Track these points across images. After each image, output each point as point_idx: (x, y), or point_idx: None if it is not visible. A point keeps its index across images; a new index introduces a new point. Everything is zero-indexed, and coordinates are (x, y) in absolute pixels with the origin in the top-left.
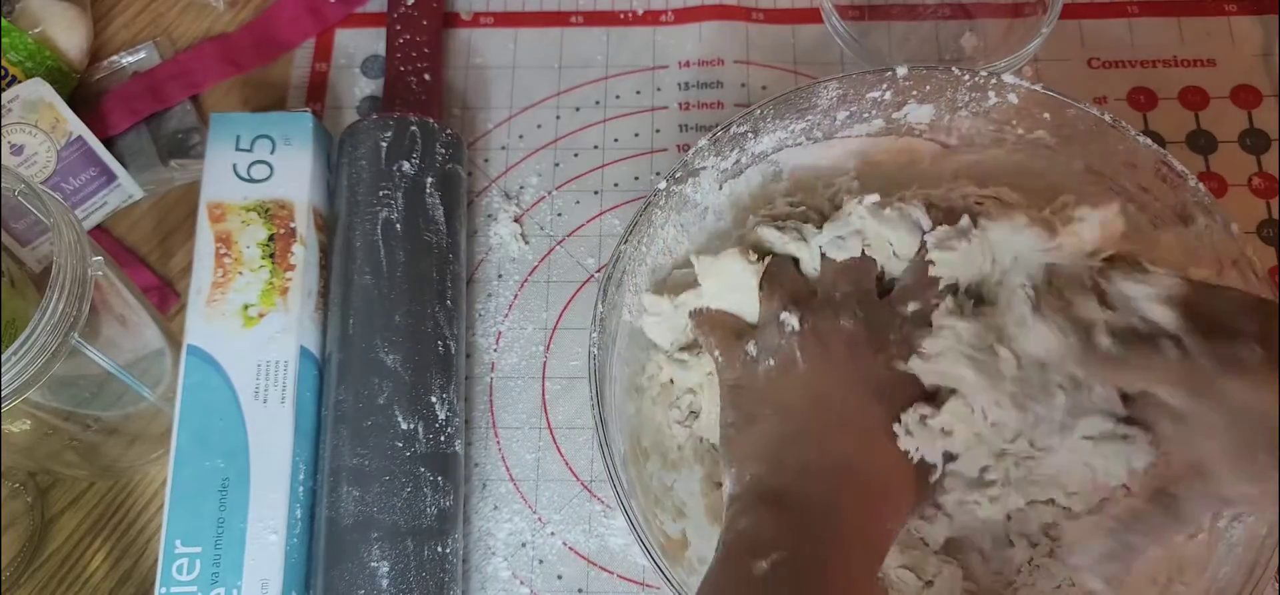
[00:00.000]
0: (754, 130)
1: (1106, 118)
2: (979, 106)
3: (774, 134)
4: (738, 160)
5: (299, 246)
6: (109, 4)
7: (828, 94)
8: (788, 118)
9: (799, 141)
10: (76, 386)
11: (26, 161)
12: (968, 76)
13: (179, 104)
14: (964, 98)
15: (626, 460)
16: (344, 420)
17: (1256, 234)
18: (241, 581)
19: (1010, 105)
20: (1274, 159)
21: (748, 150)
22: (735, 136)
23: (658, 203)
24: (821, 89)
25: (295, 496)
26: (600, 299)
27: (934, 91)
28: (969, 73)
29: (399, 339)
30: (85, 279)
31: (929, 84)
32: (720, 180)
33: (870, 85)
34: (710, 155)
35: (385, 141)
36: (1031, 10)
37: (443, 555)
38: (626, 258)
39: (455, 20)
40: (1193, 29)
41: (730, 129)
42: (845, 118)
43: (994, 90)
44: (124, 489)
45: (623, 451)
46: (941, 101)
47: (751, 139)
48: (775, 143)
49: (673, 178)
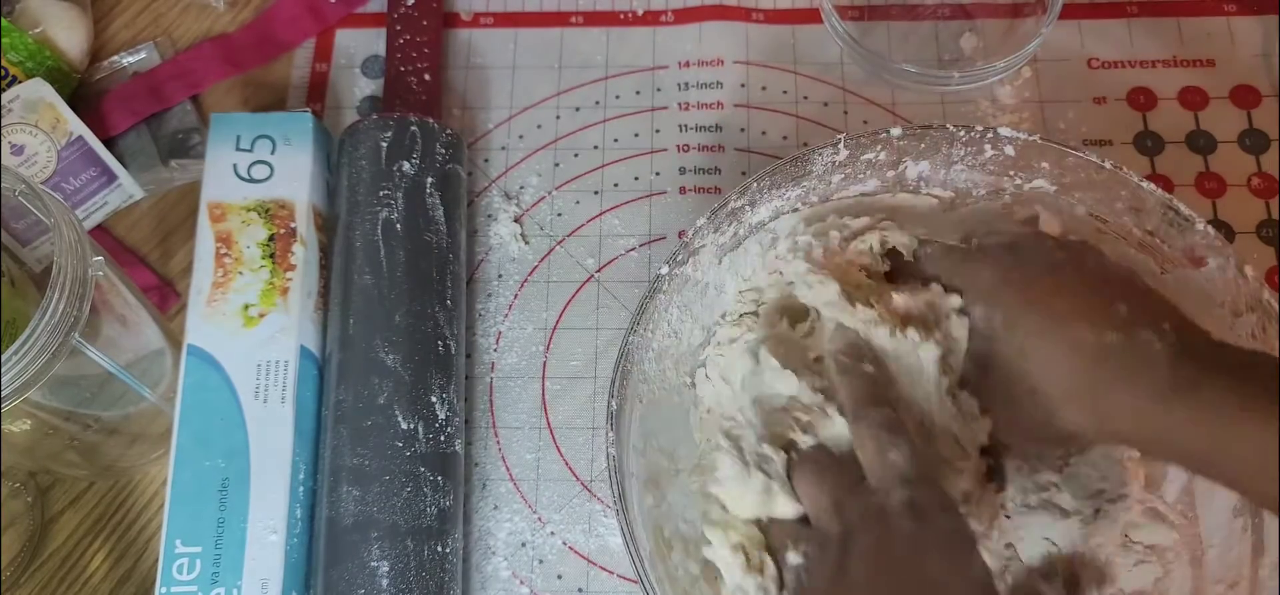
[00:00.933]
0: (751, 203)
1: (1106, 164)
2: (975, 159)
3: (770, 204)
4: (736, 233)
5: (299, 246)
6: (109, 4)
7: (823, 160)
8: (783, 187)
9: (795, 207)
10: (77, 386)
11: (27, 161)
12: (963, 132)
13: (179, 104)
14: (959, 152)
15: (653, 558)
16: (344, 420)
17: (1256, 234)
18: (241, 581)
19: (1007, 156)
20: (1274, 159)
21: (745, 222)
22: (733, 211)
23: (660, 288)
24: (816, 156)
25: (295, 496)
26: (612, 395)
27: (929, 148)
28: (964, 128)
29: (399, 339)
30: (85, 279)
31: (924, 141)
32: (719, 255)
33: (865, 147)
34: (708, 233)
35: (385, 141)
36: (1031, 10)
37: (443, 555)
38: (634, 349)
39: (455, 20)
40: (1192, 29)
41: (727, 205)
42: (840, 181)
43: (990, 143)
44: (124, 489)
45: (649, 549)
46: (937, 157)
47: (748, 211)
48: (772, 211)
49: (674, 261)
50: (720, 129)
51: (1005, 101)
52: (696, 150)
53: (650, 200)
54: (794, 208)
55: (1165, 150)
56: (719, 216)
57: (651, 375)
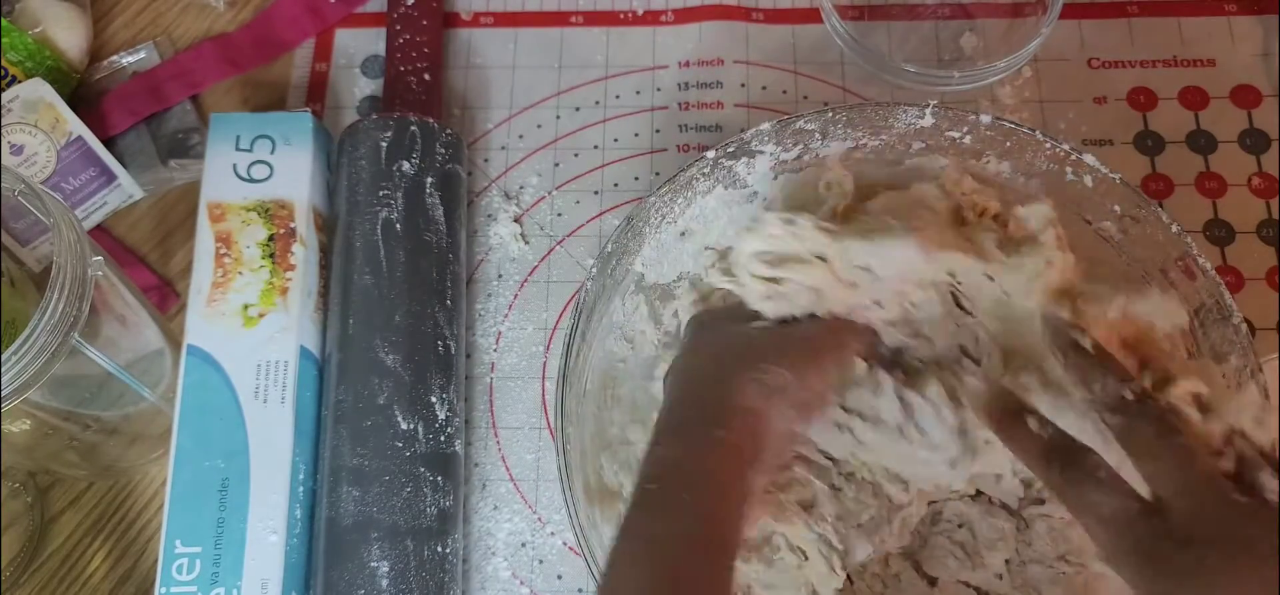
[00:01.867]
0: (823, 132)
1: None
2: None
3: (842, 143)
4: (800, 155)
5: (299, 246)
6: (109, 4)
7: (906, 118)
8: (860, 129)
9: (869, 158)
10: (76, 386)
11: (26, 161)
12: (1049, 144)
13: (179, 104)
14: (1042, 164)
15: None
16: (344, 420)
17: (1256, 234)
18: (241, 581)
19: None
20: (1274, 159)
21: (811, 149)
22: (801, 131)
23: (702, 170)
24: (902, 112)
25: (295, 496)
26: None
27: (1014, 149)
28: (1051, 140)
29: (399, 339)
30: (85, 279)
31: (1011, 141)
32: (777, 171)
33: (953, 123)
34: (770, 141)
35: (385, 141)
36: (1031, 10)
37: (443, 555)
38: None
39: (455, 20)
40: (1193, 29)
41: (797, 123)
42: (919, 148)
43: (1071, 166)
44: (124, 489)
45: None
46: (1021, 160)
47: (817, 140)
48: (842, 151)
49: (726, 151)
50: (720, 129)
51: (1005, 101)
52: (697, 150)
53: None
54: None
55: (1165, 150)
56: (784, 129)
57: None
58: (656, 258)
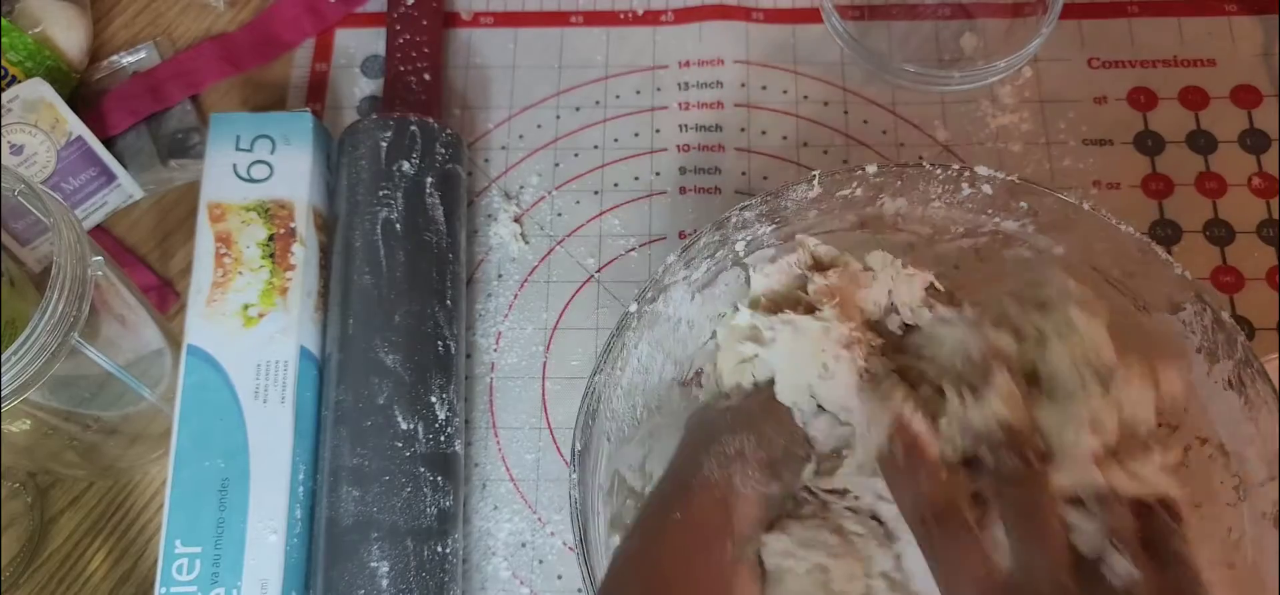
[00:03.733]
0: (724, 239)
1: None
2: (953, 197)
3: (743, 240)
4: (708, 270)
5: (299, 246)
6: (109, 4)
7: (796, 196)
8: (759, 223)
9: (771, 243)
10: (76, 386)
11: (26, 161)
12: (940, 171)
13: (179, 104)
14: (936, 190)
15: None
16: (344, 420)
17: (1256, 234)
18: (241, 581)
19: (985, 195)
20: (1274, 159)
21: (717, 260)
22: (706, 245)
23: (629, 325)
24: (789, 193)
25: (295, 496)
26: (578, 435)
27: (907, 186)
28: (941, 167)
29: (399, 339)
30: (85, 279)
31: (901, 179)
32: (691, 292)
33: (840, 183)
34: (680, 269)
35: (385, 141)
36: (1031, 10)
37: (443, 555)
38: (600, 386)
39: (455, 20)
40: (1193, 29)
41: (699, 240)
42: (816, 217)
43: (967, 182)
44: (124, 489)
45: None
46: (914, 194)
47: (721, 248)
48: (745, 247)
49: (644, 298)
50: (720, 129)
51: (1005, 101)
52: (696, 150)
53: (650, 200)
54: (770, 244)
55: (1165, 150)
56: (691, 251)
57: (620, 412)
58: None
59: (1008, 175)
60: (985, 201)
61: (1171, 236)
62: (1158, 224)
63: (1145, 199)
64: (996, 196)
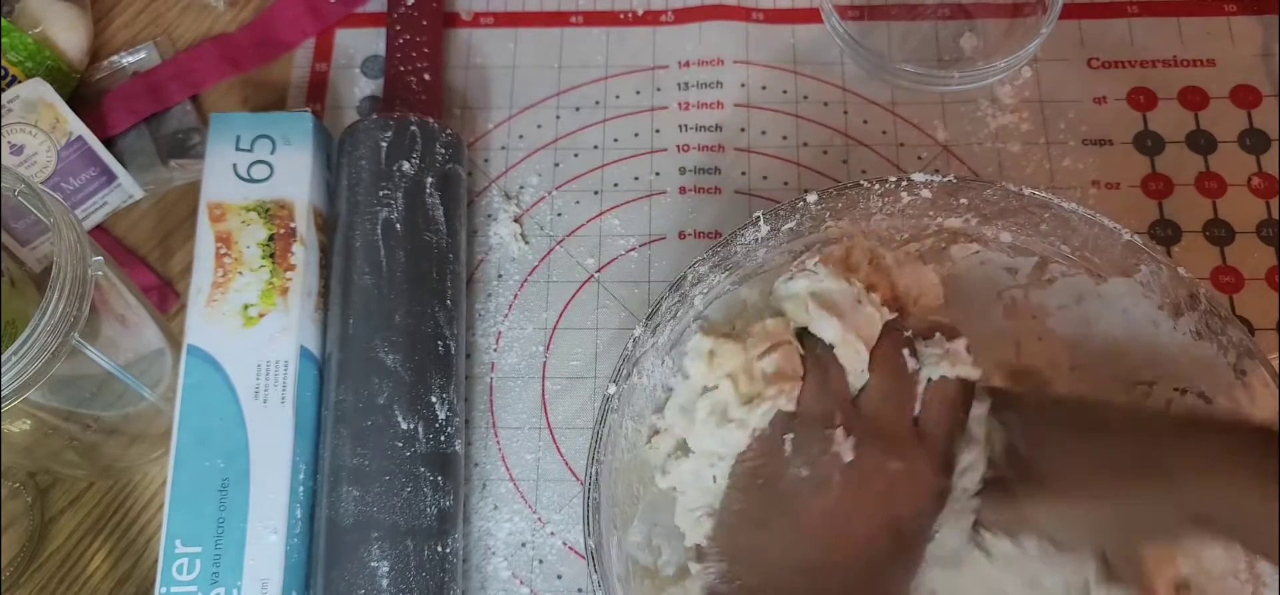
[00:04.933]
0: (682, 297)
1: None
2: (893, 207)
3: (702, 295)
4: (672, 331)
5: (299, 246)
6: (109, 4)
7: (745, 241)
8: (712, 274)
9: (727, 290)
10: (76, 386)
11: (26, 161)
12: (878, 185)
13: (179, 104)
14: (877, 204)
15: None
16: (344, 420)
17: (1256, 234)
18: (241, 581)
19: (924, 199)
20: (1274, 159)
21: (681, 319)
22: (667, 308)
23: (612, 408)
24: (737, 239)
25: (295, 496)
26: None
27: (847, 206)
28: (878, 181)
29: (399, 339)
30: (85, 279)
31: (841, 200)
32: (660, 356)
33: (784, 218)
34: (648, 339)
35: (385, 141)
36: (1031, 10)
37: (443, 555)
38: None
39: (455, 20)
40: (1193, 29)
41: (660, 308)
42: (766, 254)
43: (906, 190)
44: (124, 489)
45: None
46: (855, 212)
47: (682, 307)
48: (704, 301)
49: (621, 377)
50: (720, 129)
51: (1005, 101)
52: (696, 150)
53: (650, 200)
54: (725, 291)
55: (1165, 150)
56: (656, 319)
57: (620, 497)
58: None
59: (945, 177)
60: (926, 205)
61: (1171, 236)
62: (1157, 224)
63: (1145, 199)
64: (936, 199)
